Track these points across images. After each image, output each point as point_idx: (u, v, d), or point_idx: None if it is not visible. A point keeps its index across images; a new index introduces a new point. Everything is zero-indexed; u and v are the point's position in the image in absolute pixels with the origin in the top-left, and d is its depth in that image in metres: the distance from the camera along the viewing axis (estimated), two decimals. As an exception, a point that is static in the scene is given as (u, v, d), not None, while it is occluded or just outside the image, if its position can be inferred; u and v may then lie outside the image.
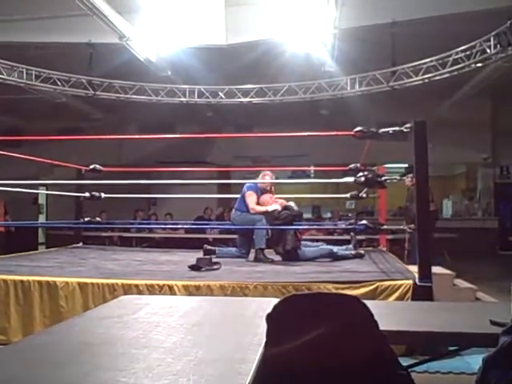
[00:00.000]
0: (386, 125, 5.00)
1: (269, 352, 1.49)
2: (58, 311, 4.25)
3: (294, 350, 1.40)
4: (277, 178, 10.33)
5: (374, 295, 4.08)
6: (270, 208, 6.01)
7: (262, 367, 1.49)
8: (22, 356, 1.68)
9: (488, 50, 7.40)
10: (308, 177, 14.18)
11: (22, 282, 4.38)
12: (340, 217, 12.18)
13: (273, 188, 6.43)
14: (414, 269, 4.38)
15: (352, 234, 6.80)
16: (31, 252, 7.03)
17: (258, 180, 6.42)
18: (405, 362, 2.15)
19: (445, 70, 8.17)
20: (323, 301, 1.53)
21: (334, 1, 6.78)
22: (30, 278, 4.41)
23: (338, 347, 1.41)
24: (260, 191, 6.23)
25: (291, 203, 6.18)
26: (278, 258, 6.03)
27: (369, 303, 1.52)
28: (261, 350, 1.61)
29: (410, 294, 4.09)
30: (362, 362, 1.39)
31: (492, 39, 7.25)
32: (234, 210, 6.37)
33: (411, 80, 8.59)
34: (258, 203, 6.11)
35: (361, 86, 9.25)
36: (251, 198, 6.09)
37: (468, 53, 7.79)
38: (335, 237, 9.34)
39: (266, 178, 6.34)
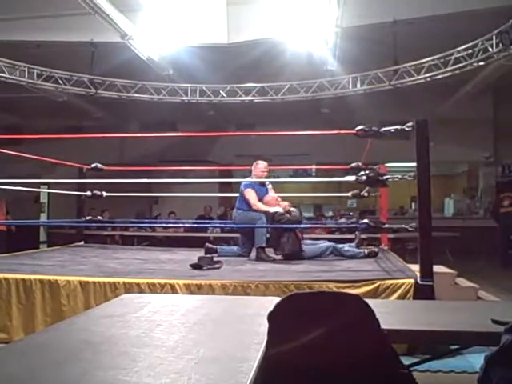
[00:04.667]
0: (387, 123, 4.99)
1: (270, 351, 1.49)
2: (59, 310, 4.25)
3: (296, 348, 1.40)
4: (278, 177, 10.38)
5: (375, 294, 4.08)
6: (271, 210, 6.00)
7: (264, 366, 1.49)
8: (23, 354, 1.68)
9: (490, 49, 7.38)
10: (310, 176, 14.16)
11: (23, 280, 4.38)
12: (341, 215, 12.18)
13: (267, 174, 6.38)
14: (416, 267, 4.38)
15: (356, 232, 6.76)
16: (33, 251, 7.03)
17: (253, 172, 6.38)
18: (406, 360, 2.14)
19: (447, 69, 8.15)
20: (325, 300, 1.53)
21: (335, -1, 6.78)
22: (32, 277, 4.41)
23: (339, 346, 1.41)
24: (257, 181, 6.21)
25: (293, 209, 6.17)
26: (279, 256, 6.02)
27: (370, 302, 1.52)
28: (262, 349, 1.61)
29: (411, 292, 4.08)
30: (364, 361, 1.38)
31: (494, 38, 7.23)
32: (235, 209, 6.36)
33: (413, 79, 8.57)
34: (259, 200, 6.09)
35: (362, 85, 9.24)
36: (252, 195, 6.05)
37: (470, 52, 7.77)
38: (336, 235, 9.32)
39: (259, 166, 6.28)
